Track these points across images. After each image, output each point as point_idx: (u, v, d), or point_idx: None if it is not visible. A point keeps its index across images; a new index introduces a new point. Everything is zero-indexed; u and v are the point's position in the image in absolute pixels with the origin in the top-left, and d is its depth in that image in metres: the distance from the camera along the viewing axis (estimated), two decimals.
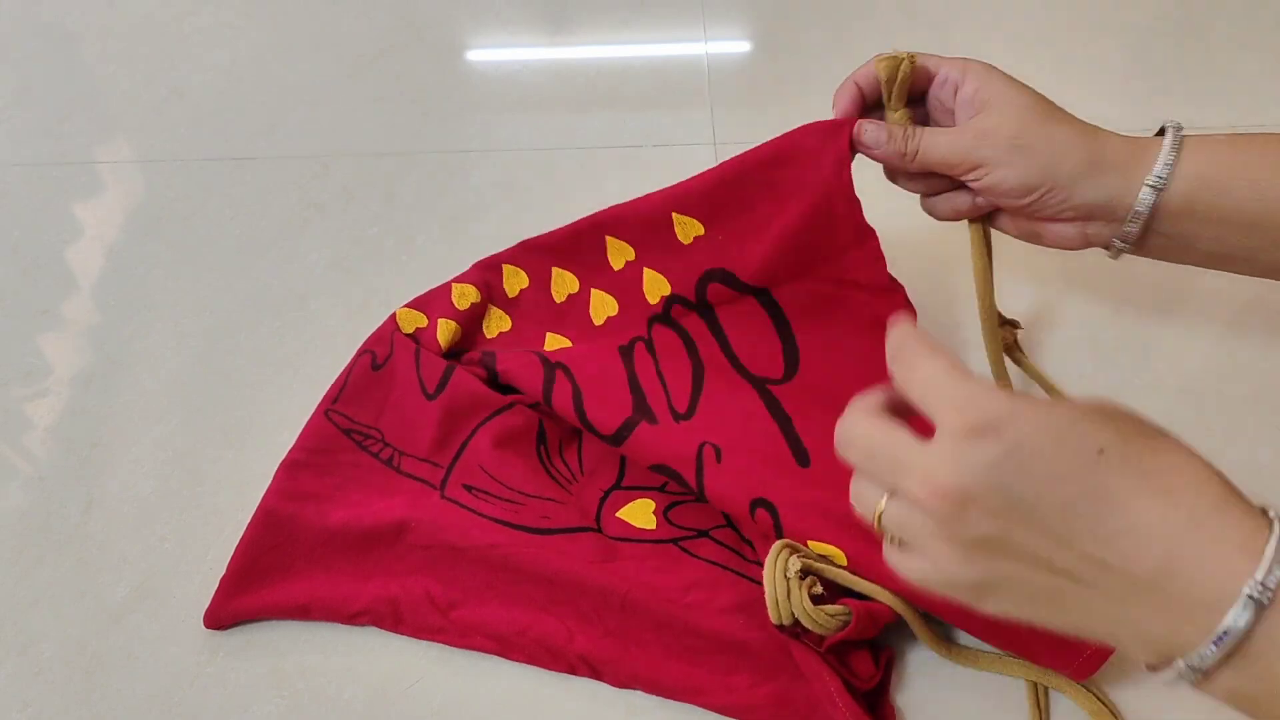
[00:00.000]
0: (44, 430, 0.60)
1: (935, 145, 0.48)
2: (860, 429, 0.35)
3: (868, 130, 0.50)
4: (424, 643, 0.50)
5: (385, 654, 0.50)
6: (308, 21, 0.86)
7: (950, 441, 0.32)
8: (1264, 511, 0.31)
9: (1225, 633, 0.29)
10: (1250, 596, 0.29)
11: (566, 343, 0.59)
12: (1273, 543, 0.29)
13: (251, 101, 0.80)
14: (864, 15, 0.85)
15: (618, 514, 0.54)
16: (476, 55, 0.84)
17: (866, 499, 0.35)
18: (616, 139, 0.71)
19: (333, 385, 0.58)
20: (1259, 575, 0.29)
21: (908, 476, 0.33)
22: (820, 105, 0.71)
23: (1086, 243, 0.49)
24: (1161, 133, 0.47)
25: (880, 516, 0.34)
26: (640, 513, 0.54)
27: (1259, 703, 0.30)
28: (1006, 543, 0.31)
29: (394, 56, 0.83)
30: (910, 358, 0.35)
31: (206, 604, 0.51)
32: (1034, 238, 0.51)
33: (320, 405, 0.57)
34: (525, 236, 0.62)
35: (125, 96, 0.81)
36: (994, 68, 0.48)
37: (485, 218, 0.71)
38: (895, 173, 0.52)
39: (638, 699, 0.48)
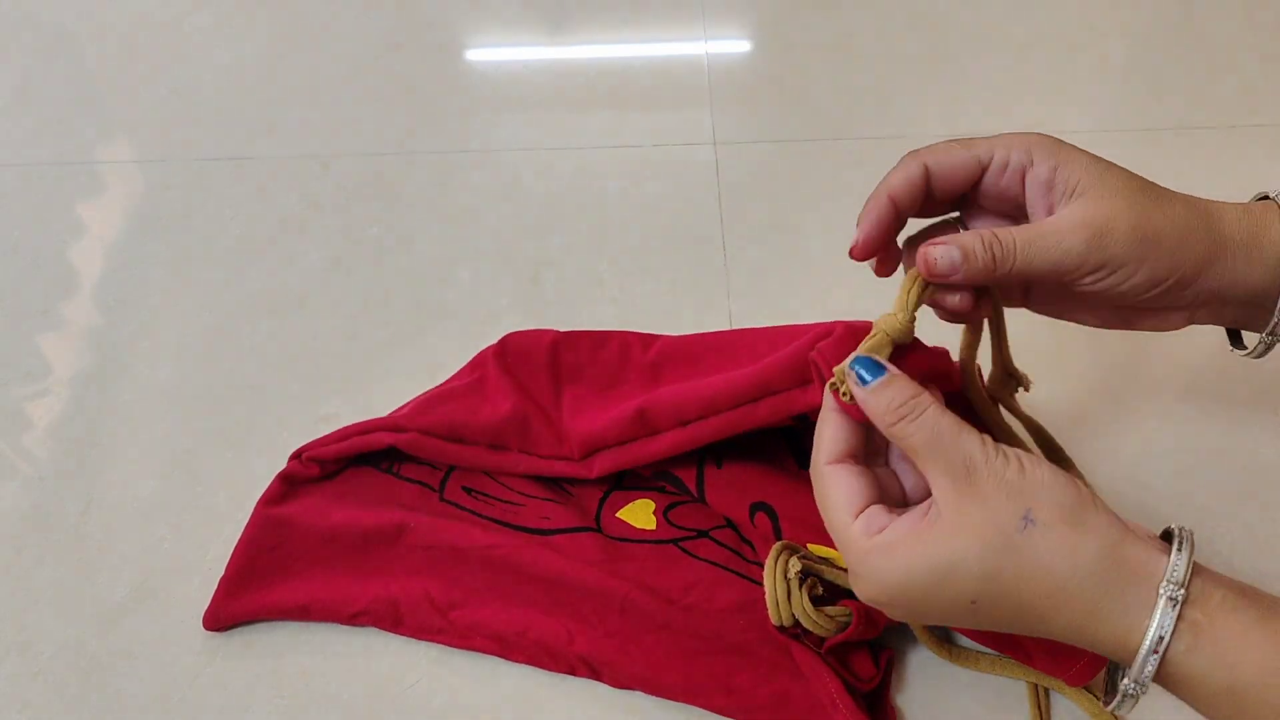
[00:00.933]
0: (44, 430, 0.60)
1: (1042, 250, 0.38)
2: (816, 491, 0.38)
3: (938, 257, 0.38)
4: (424, 643, 0.50)
5: (385, 654, 0.50)
6: (308, 21, 0.86)
7: (862, 596, 0.37)
8: (1164, 567, 0.33)
9: (1116, 705, 0.34)
10: (1126, 694, 0.33)
11: None
12: (1139, 658, 0.32)
13: (251, 101, 0.80)
14: (864, 15, 0.85)
15: (618, 514, 0.54)
16: (476, 55, 0.84)
17: None
18: (616, 139, 0.71)
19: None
20: (1130, 678, 0.33)
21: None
22: (820, 105, 0.71)
23: (1188, 323, 0.42)
24: (1264, 197, 0.40)
25: None
26: (640, 513, 0.54)
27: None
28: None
29: (394, 56, 0.83)
30: (820, 497, 0.38)
31: (206, 604, 0.51)
32: (1119, 325, 0.43)
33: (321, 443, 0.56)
34: (525, 236, 0.62)
35: (125, 96, 0.81)
36: (1055, 139, 0.39)
37: (485, 218, 0.71)
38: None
39: (638, 699, 0.48)
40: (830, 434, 0.38)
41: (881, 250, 0.41)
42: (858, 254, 0.40)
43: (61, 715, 0.48)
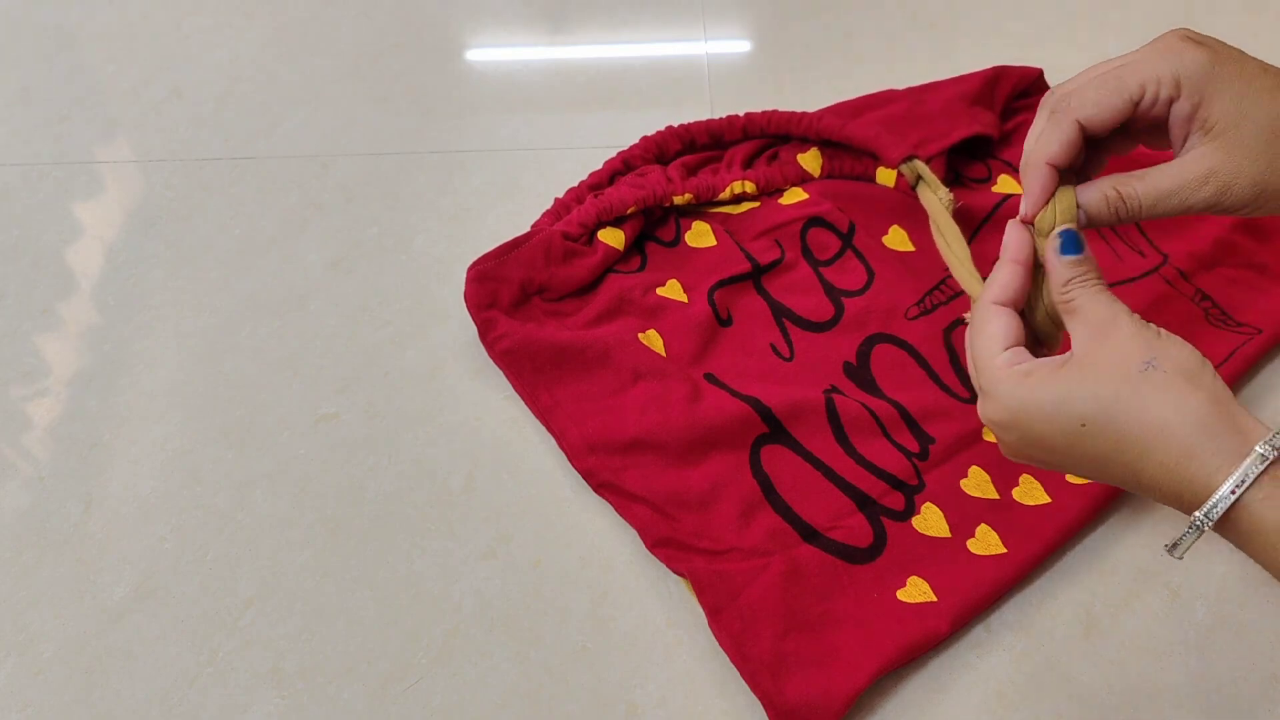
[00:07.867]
0: (44, 430, 0.60)
1: (1167, 205, 0.41)
2: (975, 323, 0.42)
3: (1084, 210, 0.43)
4: (423, 642, 0.50)
5: (385, 654, 0.50)
6: (308, 21, 0.86)
7: (985, 416, 0.41)
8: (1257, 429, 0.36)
9: (1178, 543, 0.37)
10: (1192, 527, 0.36)
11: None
12: (1218, 494, 0.35)
13: (251, 101, 0.80)
14: (865, 15, 0.85)
15: None
16: (476, 55, 0.84)
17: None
18: (616, 139, 0.71)
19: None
20: (1202, 511, 0.35)
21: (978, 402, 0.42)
22: (819, 105, 0.72)
23: None
24: None
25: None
26: None
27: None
28: (1042, 461, 0.41)
29: (394, 56, 0.83)
30: (976, 329, 0.42)
31: (206, 604, 0.51)
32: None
33: None
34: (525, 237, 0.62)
35: (125, 96, 0.81)
36: (1207, 60, 0.41)
37: (485, 218, 0.71)
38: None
39: (638, 698, 0.48)
40: (1003, 280, 0.42)
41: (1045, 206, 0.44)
42: (1028, 222, 0.43)
43: (61, 715, 0.48)
